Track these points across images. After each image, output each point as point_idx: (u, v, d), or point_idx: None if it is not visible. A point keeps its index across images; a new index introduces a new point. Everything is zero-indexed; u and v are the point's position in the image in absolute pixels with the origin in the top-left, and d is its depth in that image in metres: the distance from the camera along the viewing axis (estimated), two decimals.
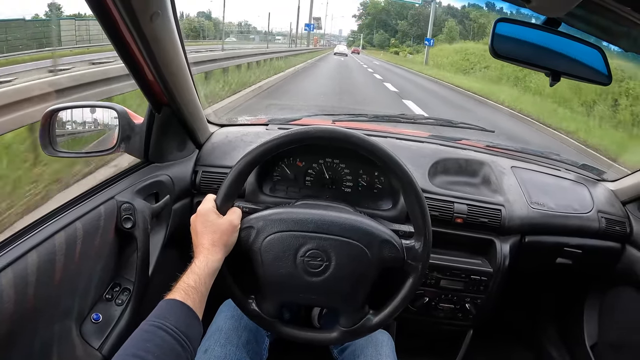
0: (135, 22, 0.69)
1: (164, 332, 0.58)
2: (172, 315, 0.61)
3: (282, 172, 1.10)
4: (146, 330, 0.59)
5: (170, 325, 0.59)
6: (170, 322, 0.59)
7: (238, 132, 1.23)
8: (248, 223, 0.77)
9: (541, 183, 1.21)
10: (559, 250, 1.16)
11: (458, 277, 1.09)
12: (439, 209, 1.07)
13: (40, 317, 0.68)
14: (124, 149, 0.94)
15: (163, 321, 0.59)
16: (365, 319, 0.79)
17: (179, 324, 0.60)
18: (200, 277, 0.67)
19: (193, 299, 0.64)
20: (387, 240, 0.76)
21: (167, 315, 0.60)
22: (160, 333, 0.58)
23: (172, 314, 0.61)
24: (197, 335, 0.63)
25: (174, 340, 0.58)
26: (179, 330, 0.59)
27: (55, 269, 0.69)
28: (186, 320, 0.61)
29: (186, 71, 0.93)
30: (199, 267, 0.69)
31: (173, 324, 0.59)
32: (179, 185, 1.05)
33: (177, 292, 0.64)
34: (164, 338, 0.58)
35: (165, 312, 0.61)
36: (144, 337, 0.58)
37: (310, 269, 0.75)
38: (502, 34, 0.71)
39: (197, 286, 0.66)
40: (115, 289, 0.87)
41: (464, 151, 1.27)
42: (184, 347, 0.59)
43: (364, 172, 1.09)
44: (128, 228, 0.86)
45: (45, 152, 0.90)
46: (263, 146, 0.76)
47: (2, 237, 0.68)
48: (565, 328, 1.46)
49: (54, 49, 7.16)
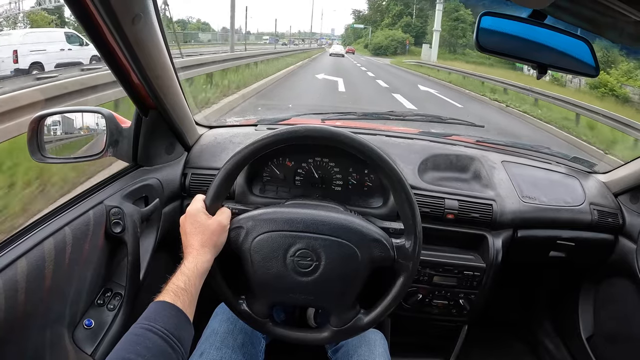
0: (117, 26, 0.69)
1: (153, 335, 0.58)
2: (161, 318, 0.61)
3: (272, 172, 1.10)
4: (135, 333, 0.59)
5: (159, 327, 0.59)
6: (160, 324, 0.59)
7: (227, 134, 1.22)
8: (237, 223, 0.76)
9: (532, 177, 1.21)
10: (551, 243, 1.16)
11: (451, 273, 1.09)
12: (430, 205, 1.07)
13: (32, 324, 0.68)
14: (112, 153, 0.94)
15: (153, 323, 0.59)
16: (356, 319, 0.79)
17: (168, 325, 0.60)
18: (189, 279, 0.67)
19: (183, 300, 0.64)
20: (377, 240, 0.76)
21: (157, 318, 0.61)
22: (150, 335, 0.58)
23: (161, 316, 0.61)
24: (187, 336, 0.63)
25: (163, 342, 0.58)
26: (168, 332, 0.59)
27: (45, 276, 0.69)
28: (176, 322, 0.61)
29: (172, 74, 0.92)
30: (188, 269, 0.68)
31: (162, 326, 0.59)
32: (168, 188, 1.04)
33: (167, 294, 0.64)
34: (154, 340, 0.58)
35: (155, 315, 0.61)
36: (133, 340, 0.58)
37: (300, 268, 0.74)
38: (487, 28, 0.70)
39: (187, 287, 0.66)
40: (107, 294, 0.87)
41: (454, 147, 1.27)
42: (174, 348, 0.59)
43: (354, 170, 1.09)
44: (117, 232, 0.86)
45: (34, 158, 0.90)
46: (251, 146, 0.75)
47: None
48: (560, 321, 1.47)
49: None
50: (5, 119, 2.66)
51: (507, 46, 0.71)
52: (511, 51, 0.72)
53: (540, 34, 0.71)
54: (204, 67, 6.75)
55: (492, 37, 0.70)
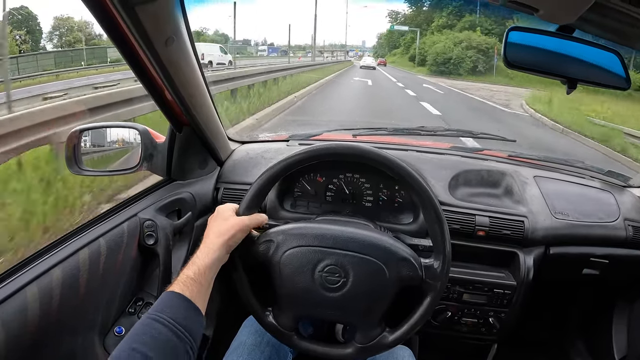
0: (151, 48, 0.72)
1: (159, 324, 0.59)
2: (168, 307, 0.62)
3: (303, 187, 1.11)
4: (143, 323, 0.60)
5: (166, 317, 0.60)
6: (167, 314, 0.60)
7: (259, 149, 1.24)
8: (268, 236, 0.78)
9: (565, 192, 1.18)
10: (584, 261, 1.12)
11: (481, 291, 1.07)
12: (460, 222, 1.06)
13: (65, 330, 0.70)
14: (147, 167, 0.98)
15: (159, 313, 0.60)
16: (381, 336, 0.78)
17: (175, 315, 0.61)
18: (199, 268, 0.67)
19: (191, 290, 0.65)
20: (406, 259, 0.76)
21: (164, 308, 0.61)
22: (156, 325, 0.59)
23: (169, 305, 0.62)
24: (196, 325, 0.63)
25: (169, 331, 0.59)
26: (174, 321, 0.60)
27: (79, 284, 0.72)
28: (183, 312, 0.62)
29: (205, 91, 0.95)
30: (199, 258, 0.69)
31: (169, 316, 0.60)
32: (200, 202, 1.07)
33: (176, 285, 0.65)
34: (160, 330, 0.59)
35: (162, 305, 0.62)
36: (140, 330, 0.59)
37: (328, 284, 0.75)
38: (515, 42, 0.70)
39: (197, 277, 0.66)
40: (138, 303, 0.90)
41: (485, 162, 1.25)
42: (180, 338, 0.59)
43: (384, 186, 1.09)
44: (150, 244, 0.88)
45: (71, 170, 0.94)
46: (284, 162, 0.77)
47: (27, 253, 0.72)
48: (593, 341, 1.40)
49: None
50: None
51: (535, 61, 0.70)
52: (540, 66, 0.70)
53: (569, 47, 0.70)
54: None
55: (520, 51, 0.70)
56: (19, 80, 10.31)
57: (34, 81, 10.74)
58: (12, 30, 18.58)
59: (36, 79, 12.06)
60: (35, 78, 12.07)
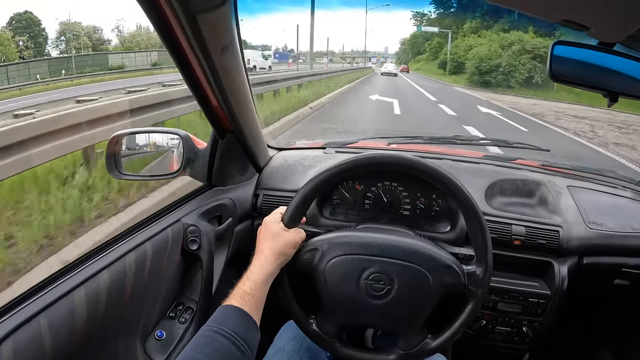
0: (207, 55, 0.74)
1: (221, 337, 0.61)
2: (229, 320, 0.63)
3: (341, 195, 1.13)
4: (205, 335, 0.61)
5: (227, 329, 0.61)
6: (228, 327, 0.62)
7: (296, 156, 1.25)
8: (312, 245, 0.79)
9: (598, 202, 1.18)
10: (617, 271, 1.12)
11: (516, 300, 1.07)
12: (496, 231, 1.06)
13: (109, 334, 0.71)
14: (189, 172, 1.00)
15: (221, 326, 0.62)
16: (423, 343, 0.80)
17: (236, 328, 0.62)
18: (255, 283, 0.69)
19: (250, 304, 0.66)
20: (449, 266, 0.77)
21: (225, 320, 0.63)
22: (218, 337, 0.60)
23: (229, 319, 0.64)
24: (254, 339, 0.65)
25: (231, 344, 0.60)
26: (236, 334, 0.61)
27: (125, 288, 0.73)
28: (243, 325, 0.64)
29: (250, 99, 0.98)
30: (253, 274, 0.71)
31: (231, 329, 0.62)
32: (240, 208, 1.09)
33: (234, 299, 0.67)
34: (222, 342, 0.60)
35: (223, 318, 0.64)
36: (202, 341, 0.60)
37: (373, 291, 0.76)
38: (560, 56, 0.72)
39: (253, 292, 0.68)
40: (179, 308, 0.91)
41: (519, 171, 1.25)
42: (241, 350, 0.61)
43: (422, 194, 1.10)
44: (194, 250, 0.90)
45: (111, 174, 0.97)
46: (329, 171, 0.79)
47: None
48: (623, 352, 1.39)
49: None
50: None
51: (580, 74, 0.71)
52: (584, 79, 0.72)
53: (611, 60, 0.71)
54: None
55: (565, 65, 0.71)
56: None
57: (20, 92, 10.73)
58: (13, 36, 18.85)
59: (23, 89, 11.92)
60: (22, 89, 11.93)
